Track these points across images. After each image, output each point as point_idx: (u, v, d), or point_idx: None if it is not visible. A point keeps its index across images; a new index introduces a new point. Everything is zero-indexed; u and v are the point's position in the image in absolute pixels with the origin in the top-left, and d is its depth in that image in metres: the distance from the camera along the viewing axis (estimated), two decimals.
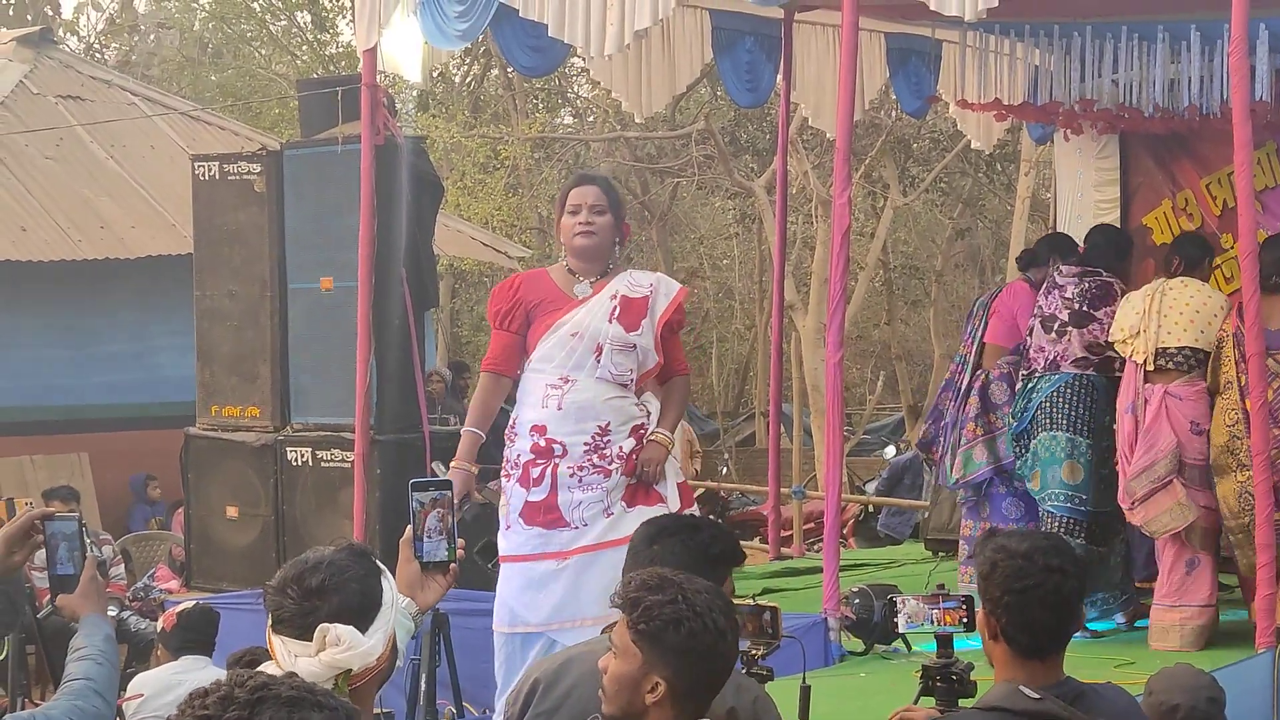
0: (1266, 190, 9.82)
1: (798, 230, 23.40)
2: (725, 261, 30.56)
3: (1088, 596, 7.46)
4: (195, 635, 7.42)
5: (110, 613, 9.94)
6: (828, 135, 11.71)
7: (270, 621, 3.11)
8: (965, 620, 4.48)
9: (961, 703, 4.35)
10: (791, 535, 11.83)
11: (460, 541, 3.56)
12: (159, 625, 7.78)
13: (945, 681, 4.33)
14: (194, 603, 7.94)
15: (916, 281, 28.70)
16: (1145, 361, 7.31)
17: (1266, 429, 6.89)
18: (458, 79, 25.60)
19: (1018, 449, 7.82)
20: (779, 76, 10.27)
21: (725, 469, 22.07)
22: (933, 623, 4.43)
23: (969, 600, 4.50)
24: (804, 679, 4.50)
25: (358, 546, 3.23)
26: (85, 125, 16.56)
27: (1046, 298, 7.86)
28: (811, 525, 12.92)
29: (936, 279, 26.27)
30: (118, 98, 17.42)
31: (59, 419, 15.10)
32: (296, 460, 9.73)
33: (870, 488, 16.41)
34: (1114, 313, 7.59)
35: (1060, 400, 7.66)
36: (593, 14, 7.99)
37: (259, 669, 2.35)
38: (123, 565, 12.06)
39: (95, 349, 15.65)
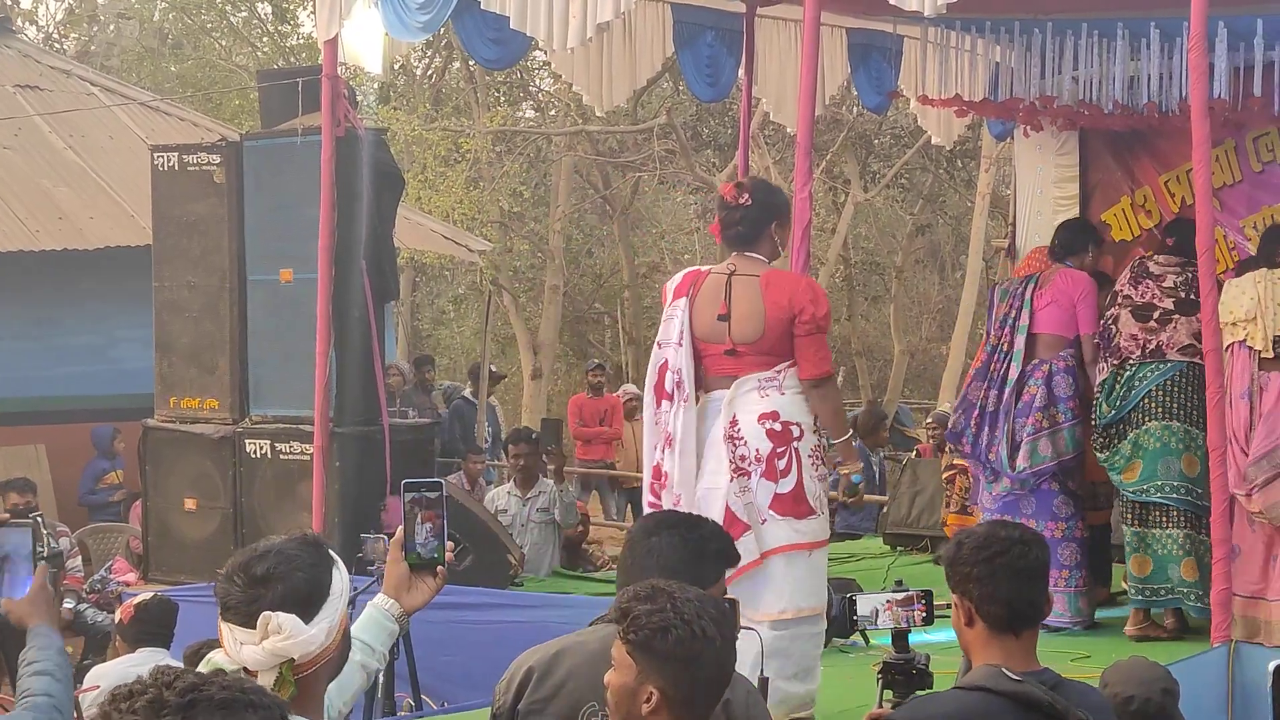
0: (1224, 187, 9.87)
1: None
2: (687, 256, 30.53)
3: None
4: (153, 627, 7.38)
5: (67, 605, 9.92)
6: (789, 130, 11.73)
7: (219, 609, 3.11)
8: (925, 615, 4.51)
9: (920, 692, 4.37)
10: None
11: (449, 545, 3.54)
12: (116, 617, 7.74)
13: (904, 675, 4.36)
14: (152, 595, 7.90)
15: (877, 277, 28.78)
16: (1265, 349, 7.27)
17: (1223, 421, 6.93)
18: (419, 71, 25.54)
19: (1104, 439, 7.67)
20: (740, 71, 10.28)
21: None
22: (908, 624, 4.45)
23: (928, 594, 4.53)
24: (762, 671, 4.51)
25: (310, 536, 3.23)
26: (44, 115, 16.46)
27: (1136, 286, 7.77)
28: None
29: (897, 275, 26.35)
30: (76, 88, 17.33)
31: (16, 410, 15.00)
32: (255, 452, 9.70)
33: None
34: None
35: (1175, 389, 7.55)
36: (554, 7, 7.98)
37: (182, 667, 2.29)
38: (80, 557, 11.99)
39: (54, 340, 15.55)
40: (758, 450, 6.06)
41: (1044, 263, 8.52)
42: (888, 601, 4.41)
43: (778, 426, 6.06)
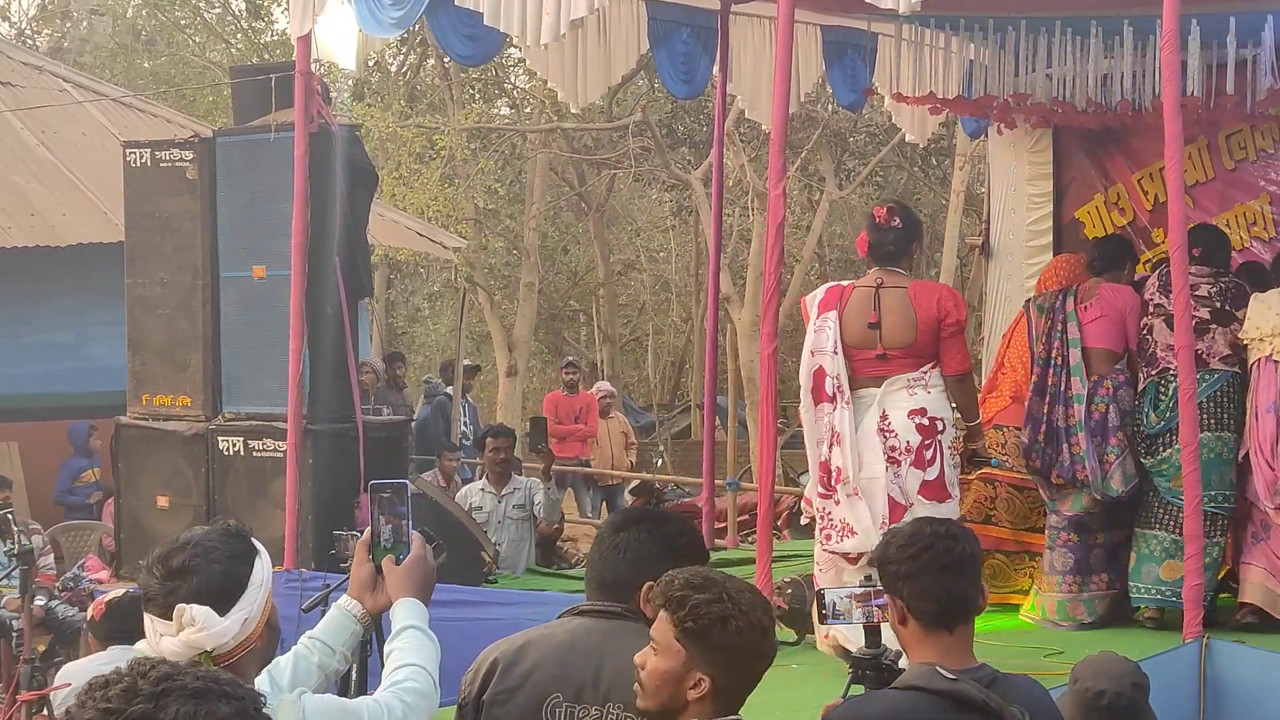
0: (1197, 185, 9.92)
1: (734, 223, 23.44)
2: (662, 254, 30.58)
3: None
4: (125, 625, 7.33)
5: (39, 602, 9.87)
6: (764, 128, 11.74)
7: (142, 600, 3.15)
8: None
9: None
10: (726, 527, 11.85)
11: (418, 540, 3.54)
12: (88, 615, 7.71)
13: (875, 670, 4.36)
14: (124, 592, 7.86)
15: (852, 275, 28.75)
16: None
17: (1194, 420, 6.96)
18: (394, 68, 25.49)
19: (1150, 446, 7.63)
20: (715, 68, 10.29)
21: (661, 461, 22.10)
22: (869, 618, 4.44)
23: None
24: None
25: (233, 528, 3.25)
26: (16, 111, 16.39)
27: (1169, 295, 7.58)
28: (745, 517, 12.93)
29: None
30: (49, 84, 17.25)
31: None
32: (228, 450, 9.67)
33: (804, 480, 16.46)
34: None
35: (1225, 400, 7.53)
36: (528, 3, 7.98)
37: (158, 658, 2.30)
38: (52, 555, 11.96)
39: (26, 338, 15.49)
40: (908, 442, 6.86)
41: (1077, 276, 8.41)
42: (847, 595, 4.42)
43: (925, 421, 6.87)
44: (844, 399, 6.99)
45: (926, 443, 6.85)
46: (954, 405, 7.03)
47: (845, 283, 7.30)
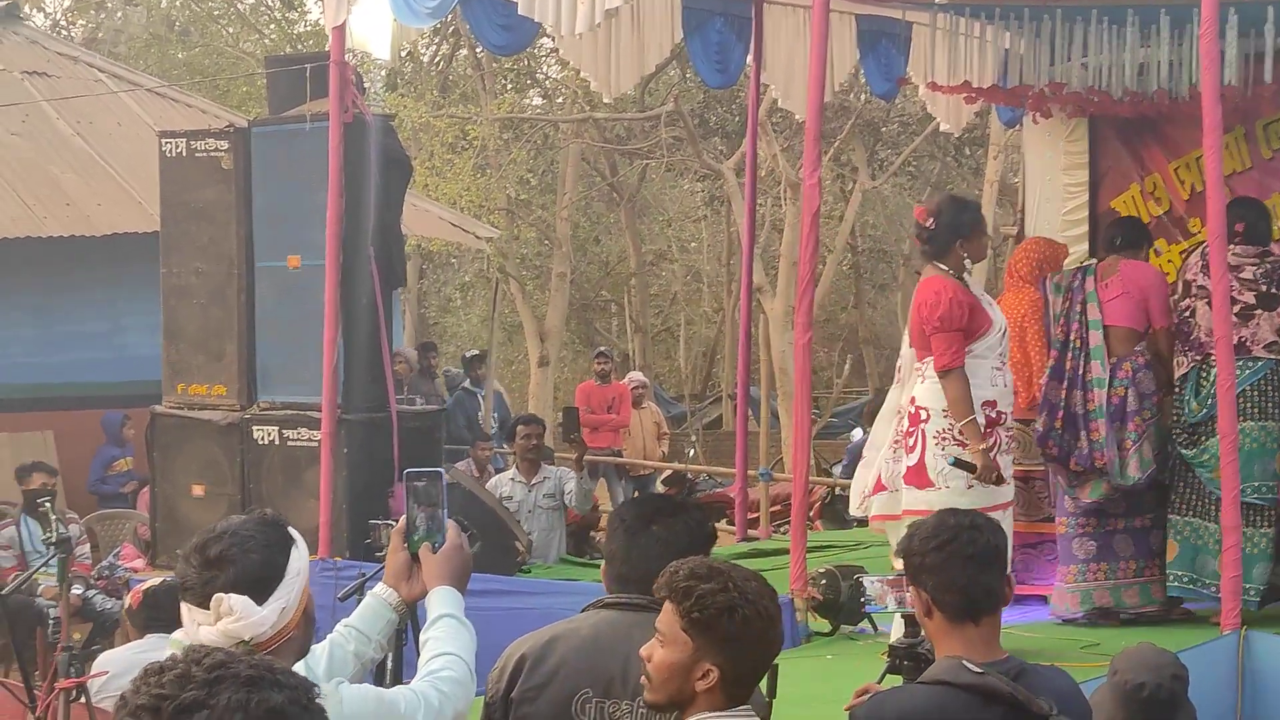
0: (1235, 174, 9.86)
1: (766, 213, 23.42)
2: (694, 244, 30.56)
3: None
4: (161, 614, 7.35)
5: (76, 591, 9.93)
6: (797, 117, 11.72)
7: (179, 589, 3.15)
8: None
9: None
10: (758, 517, 11.84)
11: (452, 531, 3.54)
12: (126, 603, 7.74)
13: (912, 660, 4.35)
14: (160, 581, 7.89)
15: (884, 265, 28.75)
16: None
17: (1233, 412, 6.92)
18: (426, 58, 25.52)
19: (1191, 436, 7.45)
20: (749, 58, 10.27)
21: (693, 451, 22.07)
22: (899, 604, 4.44)
23: None
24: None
25: (270, 516, 3.26)
26: (51, 101, 16.45)
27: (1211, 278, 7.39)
28: (778, 507, 12.93)
29: (904, 263, 26.32)
30: (84, 74, 17.31)
31: (24, 397, 15.01)
32: (263, 439, 9.69)
33: (837, 470, 16.45)
34: None
35: (1269, 388, 7.37)
36: None
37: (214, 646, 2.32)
38: (88, 544, 12.01)
39: (61, 327, 15.55)
40: (902, 428, 7.24)
41: (1052, 256, 8.39)
42: (879, 580, 4.43)
43: (913, 409, 7.17)
44: (898, 378, 7.56)
45: (910, 429, 7.15)
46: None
47: None
